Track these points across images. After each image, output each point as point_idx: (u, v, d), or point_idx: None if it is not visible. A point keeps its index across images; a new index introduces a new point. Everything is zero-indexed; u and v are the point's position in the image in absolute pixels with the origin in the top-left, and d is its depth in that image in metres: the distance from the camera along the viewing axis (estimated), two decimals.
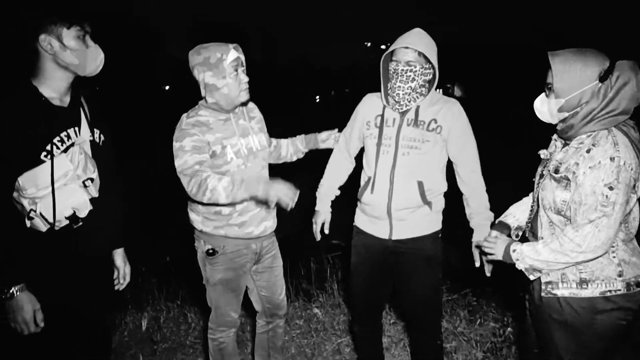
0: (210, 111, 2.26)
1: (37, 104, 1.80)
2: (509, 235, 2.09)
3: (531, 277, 1.87)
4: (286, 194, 2.02)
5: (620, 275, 1.75)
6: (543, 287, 1.86)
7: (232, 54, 2.18)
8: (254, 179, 2.13)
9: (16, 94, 1.80)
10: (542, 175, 1.91)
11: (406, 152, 2.30)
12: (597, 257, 1.72)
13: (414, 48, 2.21)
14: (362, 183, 2.46)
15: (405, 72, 2.24)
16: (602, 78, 1.70)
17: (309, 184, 2.70)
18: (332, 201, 2.70)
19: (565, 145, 1.85)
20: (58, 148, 1.82)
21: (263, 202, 2.27)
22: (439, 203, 2.44)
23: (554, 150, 1.91)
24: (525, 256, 1.82)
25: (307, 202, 2.60)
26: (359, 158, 2.59)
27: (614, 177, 1.64)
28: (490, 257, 1.99)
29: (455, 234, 2.71)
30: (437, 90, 2.43)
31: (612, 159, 1.65)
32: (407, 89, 2.26)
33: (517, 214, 2.12)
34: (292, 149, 2.71)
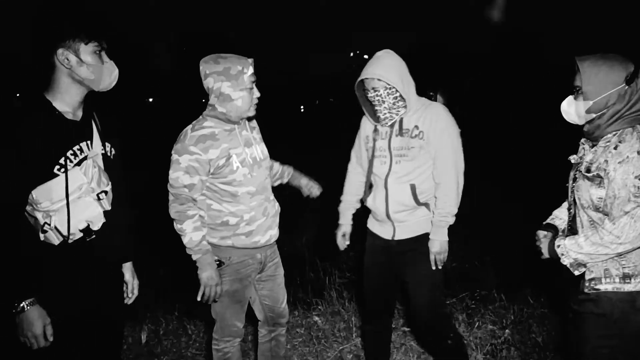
0: (216, 121, 2.28)
1: (50, 118, 1.82)
2: (555, 234, 2.15)
3: (576, 273, 1.91)
4: (208, 288, 2.28)
5: None
6: (587, 283, 1.91)
7: (251, 69, 2.25)
8: (211, 258, 2.29)
9: (30, 107, 1.82)
10: (574, 179, 1.98)
11: (398, 161, 2.51)
12: (637, 248, 1.78)
13: (371, 77, 2.42)
14: (368, 190, 2.68)
15: (375, 98, 2.47)
16: (629, 81, 1.80)
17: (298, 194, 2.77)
18: (323, 215, 2.84)
19: (593, 146, 1.93)
20: (71, 162, 1.84)
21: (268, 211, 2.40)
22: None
23: (583, 153, 1.99)
24: (569, 250, 1.89)
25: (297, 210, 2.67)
26: None
27: None
28: (542, 257, 2.06)
29: (453, 238, 2.76)
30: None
31: (639, 152, 1.74)
32: (383, 109, 2.48)
33: (562, 216, 2.18)
34: (279, 174, 2.73)
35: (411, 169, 2.49)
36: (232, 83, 2.21)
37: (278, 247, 2.60)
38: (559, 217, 2.20)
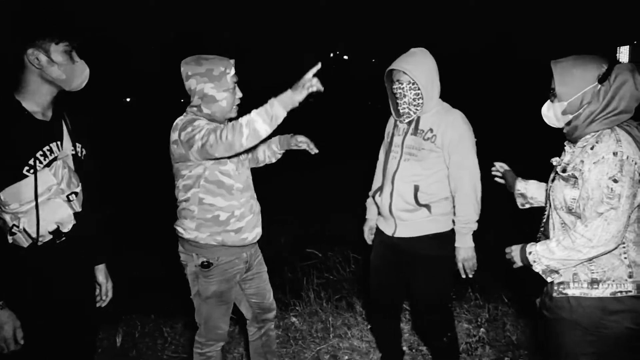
0: (204, 120, 2.26)
1: (19, 119, 1.79)
2: (511, 182, 2.29)
3: (548, 280, 1.89)
4: (310, 77, 1.98)
5: (630, 277, 1.78)
6: (555, 287, 1.89)
7: (233, 70, 2.26)
8: (285, 95, 1.98)
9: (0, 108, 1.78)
10: (553, 179, 1.97)
11: (407, 159, 2.54)
12: (609, 251, 1.76)
13: (397, 69, 2.48)
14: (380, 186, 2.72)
15: (397, 90, 2.51)
16: (601, 80, 1.78)
17: (295, 182, 2.77)
18: (303, 213, 2.84)
19: (572, 147, 1.92)
20: (41, 162, 1.80)
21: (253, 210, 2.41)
22: (440, 207, 2.55)
23: (565, 155, 1.97)
24: (540, 256, 1.86)
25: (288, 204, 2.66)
26: None
27: (617, 170, 1.70)
28: (514, 266, 2.01)
29: None
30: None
31: (615, 153, 1.72)
32: (404, 103, 2.52)
33: (533, 186, 2.22)
34: (269, 152, 2.74)
35: (418, 170, 2.51)
36: (215, 84, 2.22)
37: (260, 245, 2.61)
38: (529, 183, 2.23)
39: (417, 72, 2.45)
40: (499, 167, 2.38)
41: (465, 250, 2.54)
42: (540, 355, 2.19)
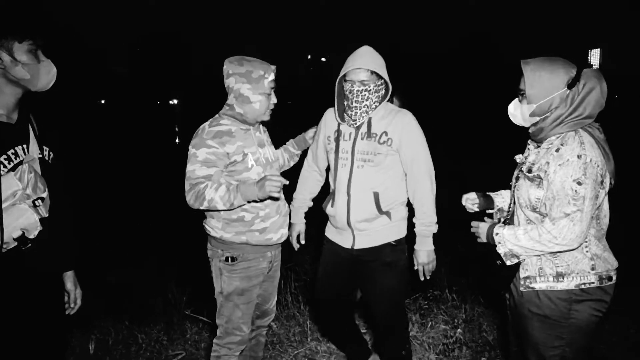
0: (233, 120, 2.33)
1: None
2: (486, 209, 2.23)
3: (508, 263, 1.95)
4: (275, 185, 2.14)
5: (593, 269, 1.87)
6: (522, 282, 1.96)
7: (272, 76, 2.31)
8: (248, 183, 2.21)
9: None
10: (517, 178, 2.03)
11: (360, 165, 2.42)
12: (573, 249, 1.84)
13: (366, 68, 2.35)
14: (329, 195, 2.58)
15: (361, 92, 2.37)
16: (570, 85, 1.84)
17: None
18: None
19: (537, 147, 1.98)
20: (5, 167, 1.75)
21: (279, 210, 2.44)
22: (399, 212, 2.52)
23: (528, 154, 2.04)
24: (506, 240, 1.93)
25: None
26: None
27: (582, 173, 1.77)
28: (478, 240, 2.07)
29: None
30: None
31: (579, 156, 1.79)
32: (363, 107, 2.40)
33: (506, 197, 2.23)
34: (287, 155, 2.81)
35: (375, 176, 2.41)
36: (252, 86, 2.27)
37: None
38: (503, 196, 2.25)
39: (383, 71, 2.39)
40: (471, 202, 2.26)
41: (428, 253, 2.50)
42: (511, 351, 2.21)
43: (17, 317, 1.82)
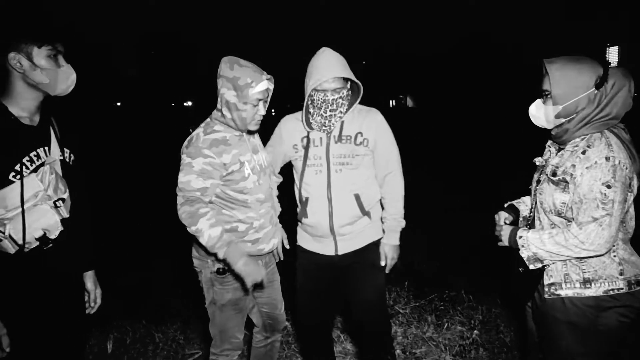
0: (225, 127, 2.22)
1: (5, 123, 1.76)
2: (516, 220, 2.14)
3: (531, 267, 1.89)
4: (253, 276, 2.09)
5: (621, 274, 1.80)
6: (546, 289, 1.89)
7: (262, 85, 2.16)
8: (240, 248, 2.12)
9: None
10: (538, 181, 1.96)
11: (339, 169, 2.37)
12: (601, 255, 1.78)
13: (339, 75, 2.28)
14: (299, 204, 2.49)
15: (336, 100, 2.30)
16: (598, 85, 1.77)
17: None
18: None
19: (560, 150, 1.91)
20: (27, 168, 1.78)
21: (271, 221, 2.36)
22: (377, 212, 2.52)
23: (549, 156, 1.97)
24: (530, 243, 1.86)
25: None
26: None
27: (611, 176, 1.70)
28: (499, 243, 2.02)
29: (418, 240, 2.78)
30: (391, 101, 2.51)
31: (607, 158, 1.72)
32: (338, 113, 2.34)
33: (529, 203, 2.14)
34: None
35: (355, 178, 2.38)
36: (237, 94, 2.15)
37: None
38: (526, 202, 2.17)
39: (350, 73, 2.32)
40: (504, 219, 2.13)
41: (395, 248, 2.50)
42: (532, 357, 2.17)
43: (38, 315, 1.85)
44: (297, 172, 2.47)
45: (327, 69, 2.27)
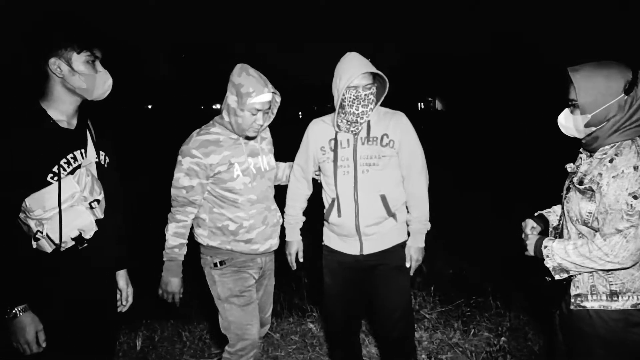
0: (223, 129, 2.35)
1: (45, 126, 1.83)
2: (545, 230, 2.08)
3: (556, 277, 1.83)
4: (167, 291, 2.42)
5: None
6: (572, 300, 1.84)
7: (262, 97, 2.24)
8: (177, 267, 2.40)
9: (25, 115, 1.82)
10: (568, 189, 1.90)
11: (365, 170, 2.41)
12: (626, 268, 1.71)
13: (369, 71, 2.33)
14: (327, 205, 2.53)
15: (367, 97, 2.34)
16: (628, 90, 1.70)
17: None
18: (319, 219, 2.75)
19: (590, 157, 1.84)
20: (65, 170, 1.84)
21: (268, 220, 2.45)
22: (403, 214, 2.53)
23: (580, 163, 1.91)
24: (554, 254, 1.81)
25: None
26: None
27: (638, 186, 1.64)
28: (525, 253, 1.97)
29: (445, 244, 2.77)
30: (419, 104, 2.52)
31: (635, 167, 1.66)
32: (369, 110, 2.37)
33: (559, 213, 2.08)
34: (289, 171, 2.72)
35: (380, 179, 2.41)
36: (237, 99, 2.25)
37: (277, 253, 2.60)
38: (555, 212, 2.11)
39: (377, 71, 2.36)
40: (529, 229, 2.08)
41: (421, 250, 2.52)
42: None
43: (73, 311, 1.91)
44: (326, 173, 2.51)
45: (357, 66, 2.34)
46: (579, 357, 1.87)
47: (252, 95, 2.22)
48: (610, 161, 1.71)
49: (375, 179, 2.40)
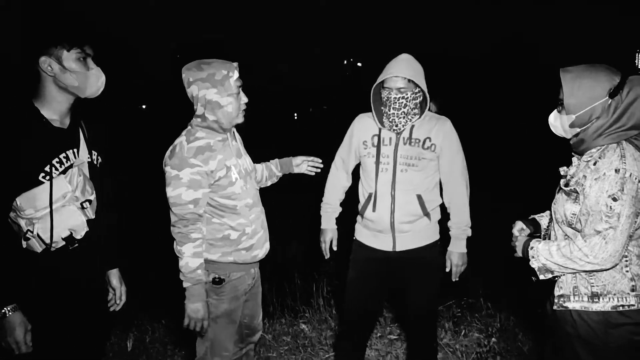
0: (207, 131, 2.15)
1: (37, 125, 1.83)
2: (535, 233, 2.10)
3: (541, 277, 1.86)
4: (193, 321, 2.13)
5: (633, 290, 1.75)
6: (555, 300, 1.87)
7: (236, 73, 2.13)
8: (202, 289, 2.13)
9: (17, 114, 1.82)
10: (558, 191, 1.92)
11: (404, 169, 2.46)
12: (607, 269, 1.73)
13: (403, 76, 2.36)
14: (363, 199, 2.58)
15: (398, 100, 2.39)
16: (612, 94, 1.72)
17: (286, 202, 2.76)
18: (312, 222, 2.83)
19: (579, 160, 1.87)
20: (57, 169, 1.84)
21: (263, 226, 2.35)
22: (437, 214, 2.58)
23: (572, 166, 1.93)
24: (539, 255, 1.83)
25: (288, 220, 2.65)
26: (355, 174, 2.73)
27: (618, 189, 1.66)
28: (515, 254, 2.00)
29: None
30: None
31: (617, 170, 1.67)
32: (401, 114, 2.42)
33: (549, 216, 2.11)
34: (267, 172, 2.63)
35: (418, 180, 2.47)
36: (218, 89, 2.09)
37: (269, 255, 2.51)
38: (548, 216, 2.13)
39: (420, 80, 2.40)
40: (517, 231, 2.09)
41: (461, 255, 2.56)
42: None
43: (62, 312, 1.91)
44: (365, 168, 2.56)
45: (395, 68, 2.39)
46: (564, 358, 1.89)
47: (230, 75, 2.11)
48: (594, 164, 1.73)
49: (413, 179, 2.46)
